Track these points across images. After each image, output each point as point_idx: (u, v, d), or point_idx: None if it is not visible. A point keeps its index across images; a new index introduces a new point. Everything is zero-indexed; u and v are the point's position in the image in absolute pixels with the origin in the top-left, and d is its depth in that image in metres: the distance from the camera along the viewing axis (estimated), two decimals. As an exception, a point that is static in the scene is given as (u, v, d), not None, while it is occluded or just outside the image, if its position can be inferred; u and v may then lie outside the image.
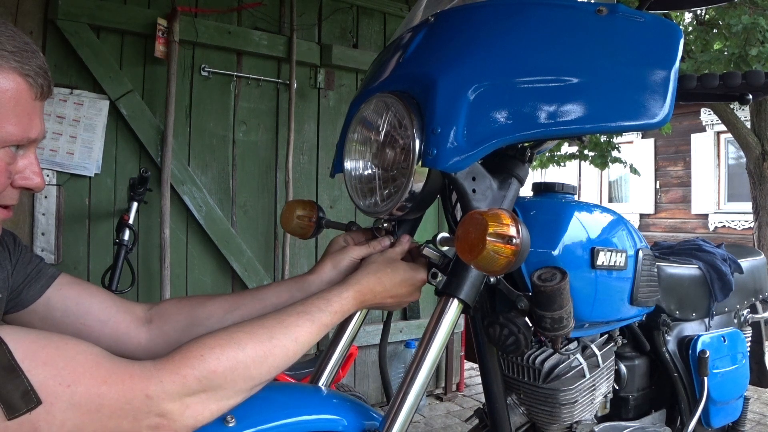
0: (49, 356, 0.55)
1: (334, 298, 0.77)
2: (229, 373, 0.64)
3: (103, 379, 0.57)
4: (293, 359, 0.71)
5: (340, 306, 0.77)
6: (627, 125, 0.74)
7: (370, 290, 0.82)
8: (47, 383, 0.54)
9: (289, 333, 0.71)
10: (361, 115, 0.87)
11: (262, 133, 2.65)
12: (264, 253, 2.65)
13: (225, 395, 0.65)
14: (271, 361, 0.68)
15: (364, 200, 0.88)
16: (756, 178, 5.10)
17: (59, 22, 2.14)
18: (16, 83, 0.65)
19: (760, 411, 2.98)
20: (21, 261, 0.86)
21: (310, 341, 0.73)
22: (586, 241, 0.96)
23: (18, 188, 0.71)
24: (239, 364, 0.65)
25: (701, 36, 4.74)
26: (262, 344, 0.68)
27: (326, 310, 0.76)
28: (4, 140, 0.65)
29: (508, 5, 0.83)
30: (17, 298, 0.85)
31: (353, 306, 0.80)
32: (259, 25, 2.62)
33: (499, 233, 0.64)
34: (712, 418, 1.34)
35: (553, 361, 1.04)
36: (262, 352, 0.68)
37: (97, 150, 2.24)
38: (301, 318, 0.73)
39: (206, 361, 0.63)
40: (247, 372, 0.66)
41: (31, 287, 0.85)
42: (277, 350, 0.69)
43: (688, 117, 8.46)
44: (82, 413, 0.55)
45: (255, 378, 0.67)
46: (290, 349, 0.70)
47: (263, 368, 0.68)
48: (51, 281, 0.87)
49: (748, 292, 1.58)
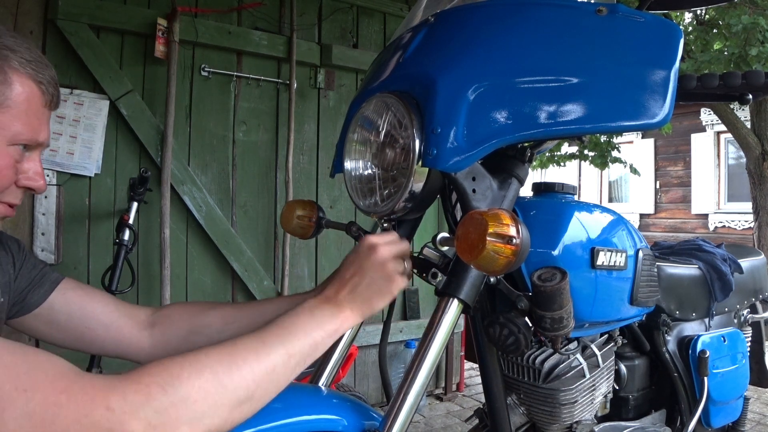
0: (12, 360, 0.53)
1: (300, 311, 0.73)
2: (200, 386, 0.58)
3: (63, 389, 0.53)
4: (273, 379, 0.65)
5: (310, 318, 0.72)
6: (627, 125, 0.74)
7: (338, 282, 0.76)
8: (3, 387, 0.51)
9: (263, 361, 0.65)
10: (361, 115, 0.87)
11: (262, 133, 2.65)
12: (264, 253, 2.65)
13: (197, 413, 0.58)
14: (248, 378, 0.63)
15: (364, 200, 0.88)
16: (756, 178, 5.10)
17: (59, 22, 2.14)
18: (30, 88, 0.71)
19: (760, 411, 2.98)
20: (25, 266, 0.88)
21: (288, 368, 0.68)
22: (586, 241, 0.96)
23: (22, 188, 0.74)
24: (212, 379, 0.60)
25: (701, 36, 4.74)
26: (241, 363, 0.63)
27: (298, 324, 0.71)
28: (14, 138, 0.70)
29: (508, 5, 0.83)
30: (22, 303, 0.86)
31: (330, 310, 0.74)
32: (259, 25, 2.62)
33: (499, 233, 0.64)
34: (712, 418, 1.34)
35: (553, 361, 1.04)
36: (237, 365, 0.62)
37: (97, 150, 2.24)
38: (276, 344, 0.67)
39: (170, 370, 0.58)
40: (220, 385, 0.60)
41: (36, 291, 0.87)
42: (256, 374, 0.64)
43: (688, 117, 8.46)
44: (36, 424, 0.51)
45: (231, 394, 0.61)
46: (270, 366, 0.65)
47: (238, 383, 0.62)
48: (55, 285, 0.89)
49: (748, 292, 1.58)
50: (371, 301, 0.77)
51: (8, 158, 0.70)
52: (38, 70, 0.72)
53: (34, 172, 0.74)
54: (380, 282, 0.77)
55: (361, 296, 0.76)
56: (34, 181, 0.75)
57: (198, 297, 2.48)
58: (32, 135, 0.72)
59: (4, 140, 0.69)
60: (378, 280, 0.76)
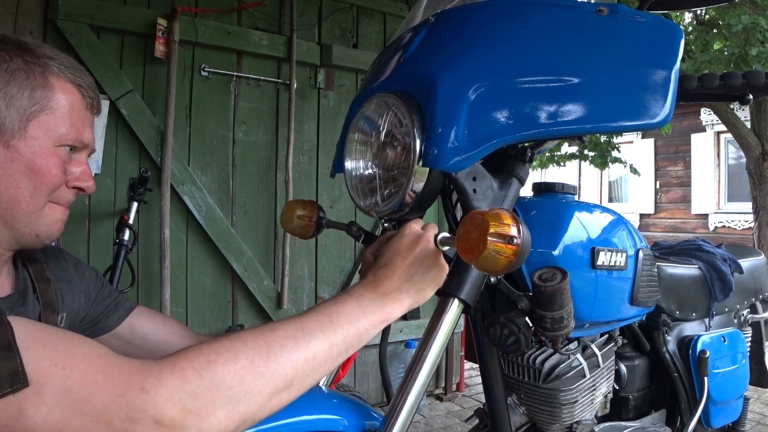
0: (51, 340, 0.54)
1: (347, 299, 0.71)
2: (236, 372, 0.58)
3: (101, 368, 0.54)
4: (314, 367, 0.64)
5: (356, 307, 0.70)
6: (627, 125, 0.74)
7: (390, 270, 0.75)
8: (42, 363, 0.52)
9: (302, 348, 0.64)
10: (361, 114, 0.87)
11: (262, 133, 2.65)
12: (264, 253, 2.65)
13: (233, 399, 0.57)
14: (286, 365, 0.62)
15: (365, 200, 0.88)
16: (756, 178, 5.10)
17: (59, 22, 2.14)
18: (71, 93, 0.75)
19: (760, 411, 2.98)
20: (101, 294, 0.94)
21: (329, 357, 0.66)
22: (586, 241, 0.96)
23: (72, 189, 0.78)
24: (248, 365, 0.59)
25: (701, 36, 4.74)
26: (279, 347, 0.62)
27: (342, 312, 0.69)
28: (60, 139, 0.74)
29: (508, 5, 0.83)
30: (95, 326, 0.93)
31: (378, 299, 0.72)
32: (259, 25, 2.62)
33: (500, 233, 0.64)
34: (712, 418, 1.34)
35: (553, 361, 1.04)
36: (274, 352, 0.62)
37: (97, 150, 2.24)
38: (317, 331, 0.66)
39: (206, 355, 0.58)
40: (257, 372, 0.59)
41: (110, 317, 0.94)
42: (293, 359, 0.62)
43: (688, 117, 8.46)
44: (73, 401, 0.51)
45: (267, 380, 0.60)
46: (310, 354, 0.64)
47: (276, 370, 0.61)
48: (129, 312, 0.96)
49: (748, 292, 1.58)
50: (425, 290, 0.77)
51: (56, 158, 0.74)
52: (77, 75, 0.76)
53: (82, 173, 0.78)
54: (434, 270, 0.76)
55: (415, 285, 0.75)
56: (83, 182, 0.78)
57: (198, 297, 2.48)
58: (77, 136, 0.76)
59: (50, 142, 0.73)
60: (432, 268, 0.76)
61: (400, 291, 0.74)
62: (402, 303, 0.75)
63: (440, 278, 0.78)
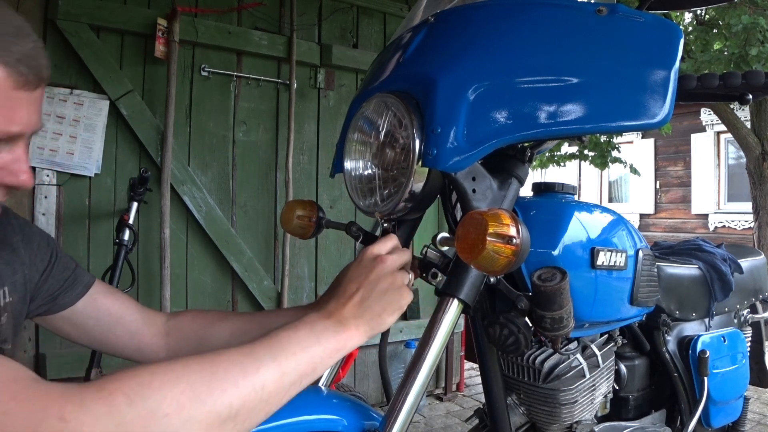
0: None
1: (300, 326, 0.65)
2: (174, 398, 0.51)
3: (14, 395, 0.47)
4: (263, 396, 0.58)
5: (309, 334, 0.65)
6: (627, 125, 0.74)
7: (343, 297, 0.70)
8: None
9: (250, 376, 0.58)
10: (361, 114, 0.87)
11: (262, 133, 2.65)
12: (264, 253, 2.65)
13: (170, 428, 0.50)
14: (231, 392, 0.55)
15: (364, 200, 0.88)
16: (756, 178, 5.10)
17: (59, 22, 2.14)
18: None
19: (760, 411, 2.98)
20: (57, 267, 0.87)
21: (281, 387, 0.60)
22: (586, 241, 0.96)
23: (3, 186, 0.64)
24: (188, 391, 0.52)
25: (701, 36, 4.74)
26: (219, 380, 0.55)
27: (294, 339, 0.63)
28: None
29: (508, 5, 0.83)
30: (52, 303, 0.86)
31: (333, 327, 0.67)
32: (259, 25, 2.62)
33: (499, 233, 0.64)
34: (712, 418, 1.34)
35: (553, 361, 1.04)
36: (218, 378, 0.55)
37: (97, 150, 2.24)
38: (267, 359, 0.60)
39: (139, 377, 0.51)
40: (198, 399, 0.53)
41: (67, 293, 0.87)
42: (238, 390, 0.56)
43: (688, 117, 8.46)
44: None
45: (210, 409, 0.53)
46: (259, 382, 0.58)
47: (220, 397, 0.54)
48: (86, 290, 0.90)
49: (748, 292, 1.58)
50: (381, 316, 0.70)
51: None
52: (3, 47, 0.58)
53: (16, 167, 0.63)
54: (391, 295, 0.70)
55: (369, 311, 0.69)
56: (14, 177, 0.63)
57: (198, 297, 2.48)
58: (2, 127, 0.60)
59: None
60: (389, 293, 0.70)
61: (354, 317, 0.69)
62: (358, 330, 0.69)
63: (399, 302, 0.72)
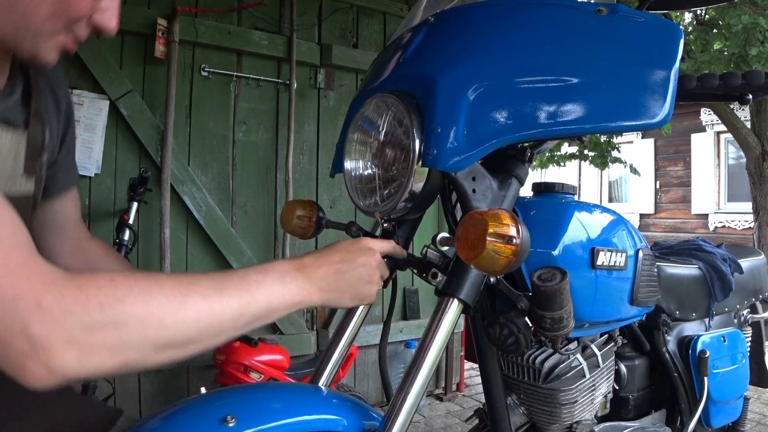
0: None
1: (270, 271, 0.68)
2: (141, 313, 0.54)
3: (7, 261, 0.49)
4: (216, 332, 0.61)
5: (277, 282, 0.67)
6: (627, 125, 0.74)
7: (321, 259, 0.73)
8: None
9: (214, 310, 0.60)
10: (361, 115, 0.87)
11: (262, 133, 2.65)
12: (264, 253, 2.65)
13: (124, 342, 0.52)
14: (192, 323, 0.58)
15: (364, 200, 0.88)
16: (756, 178, 5.11)
17: (59, 22, 2.14)
18: None
19: (760, 411, 2.98)
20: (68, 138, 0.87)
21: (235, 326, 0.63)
22: (586, 241, 0.96)
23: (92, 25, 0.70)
24: (156, 313, 0.55)
25: (701, 36, 4.74)
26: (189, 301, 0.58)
27: (262, 284, 0.66)
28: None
29: (508, 5, 0.83)
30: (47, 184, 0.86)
31: (300, 281, 0.69)
32: (259, 25, 2.62)
33: (499, 233, 0.64)
34: (712, 418, 1.34)
35: (553, 361, 1.04)
36: (186, 308, 0.58)
37: (97, 150, 2.24)
38: (233, 297, 0.63)
39: (117, 289, 0.53)
40: (161, 323, 0.55)
41: (60, 179, 0.87)
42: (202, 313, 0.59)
43: (688, 117, 8.47)
44: None
45: (168, 334, 0.56)
46: (217, 318, 0.61)
47: (180, 327, 0.57)
48: (68, 189, 0.91)
49: (748, 292, 1.58)
50: (344, 295, 0.75)
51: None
52: None
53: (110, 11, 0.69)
54: (362, 285, 0.76)
55: (338, 285, 0.73)
56: (108, 21, 0.70)
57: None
58: None
59: None
60: (362, 282, 0.76)
61: (322, 281, 0.72)
62: (319, 294, 0.72)
63: (365, 294, 0.77)
